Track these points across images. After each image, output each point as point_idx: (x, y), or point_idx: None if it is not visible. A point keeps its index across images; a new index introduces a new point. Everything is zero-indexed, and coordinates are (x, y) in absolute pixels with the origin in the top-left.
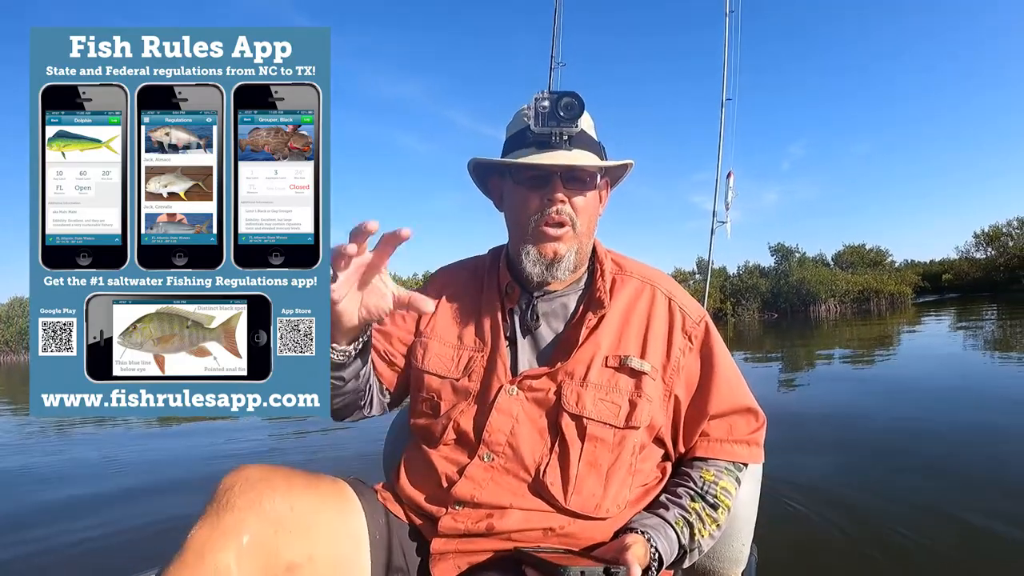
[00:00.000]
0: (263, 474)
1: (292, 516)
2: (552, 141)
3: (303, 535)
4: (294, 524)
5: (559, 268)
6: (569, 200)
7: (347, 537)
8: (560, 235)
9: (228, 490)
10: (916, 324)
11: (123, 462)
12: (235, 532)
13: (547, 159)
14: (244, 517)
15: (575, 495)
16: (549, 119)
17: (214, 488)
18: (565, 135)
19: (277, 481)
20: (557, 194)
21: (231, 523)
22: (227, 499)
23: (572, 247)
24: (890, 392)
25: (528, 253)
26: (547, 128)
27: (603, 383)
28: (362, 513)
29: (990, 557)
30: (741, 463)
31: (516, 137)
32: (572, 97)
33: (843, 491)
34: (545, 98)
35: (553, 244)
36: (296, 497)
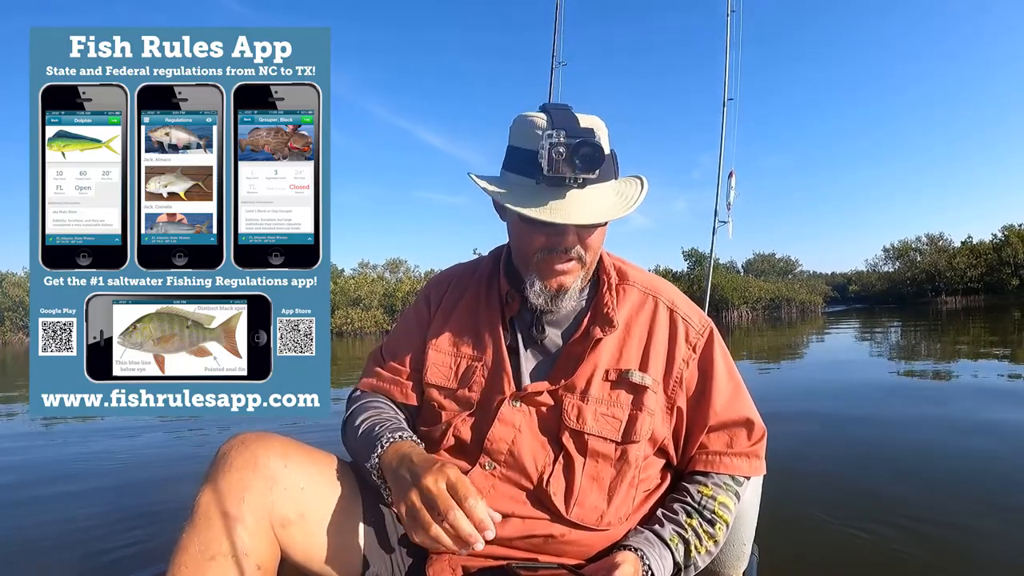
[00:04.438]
0: (259, 436)
1: (285, 473)
2: (566, 182)
3: (296, 493)
4: (288, 481)
5: (563, 298)
6: (580, 240)
7: (340, 507)
8: (568, 270)
9: (226, 453)
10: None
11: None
12: (237, 491)
13: (559, 211)
14: (243, 476)
15: (577, 507)
16: (564, 165)
17: (215, 454)
18: (580, 179)
19: (272, 442)
20: (568, 238)
21: (232, 482)
22: (227, 461)
23: (579, 277)
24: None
25: (533, 284)
26: (561, 175)
27: (604, 397)
28: (358, 490)
29: (990, 557)
30: (742, 476)
31: (522, 161)
32: (591, 147)
33: (843, 491)
34: (560, 144)
35: (560, 278)
36: (291, 458)
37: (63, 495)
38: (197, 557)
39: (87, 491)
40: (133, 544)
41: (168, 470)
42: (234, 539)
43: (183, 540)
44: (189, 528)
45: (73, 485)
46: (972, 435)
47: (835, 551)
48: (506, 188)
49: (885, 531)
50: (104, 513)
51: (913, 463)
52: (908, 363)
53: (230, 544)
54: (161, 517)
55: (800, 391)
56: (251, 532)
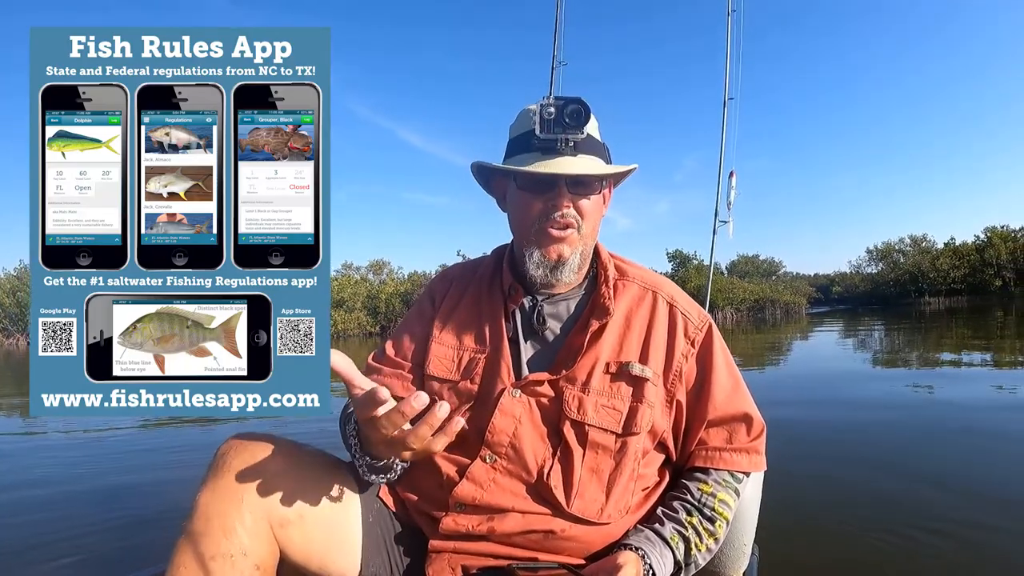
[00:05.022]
0: (257, 438)
1: (283, 475)
2: (558, 147)
3: (294, 494)
4: (285, 483)
5: (563, 271)
6: (574, 204)
7: (339, 507)
8: (564, 237)
9: (224, 454)
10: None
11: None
12: (235, 492)
13: (552, 167)
14: (241, 477)
15: (578, 499)
16: (555, 126)
17: (213, 455)
18: (571, 141)
19: (271, 443)
20: (562, 199)
21: (231, 484)
22: (224, 462)
23: (577, 249)
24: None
25: (532, 255)
26: (552, 135)
27: (604, 389)
28: (356, 490)
29: (990, 557)
30: (741, 472)
31: (520, 140)
32: (578, 104)
33: (843, 492)
34: (551, 104)
35: (558, 246)
36: (289, 460)
37: (62, 496)
38: (196, 557)
39: (86, 491)
40: (132, 544)
41: (167, 470)
42: (233, 539)
43: (182, 541)
44: (188, 529)
45: (72, 485)
46: (975, 437)
47: (834, 552)
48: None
49: (885, 532)
50: (103, 513)
51: (913, 464)
52: (907, 365)
53: (229, 544)
54: (160, 517)
55: (797, 392)
56: (250, 532)
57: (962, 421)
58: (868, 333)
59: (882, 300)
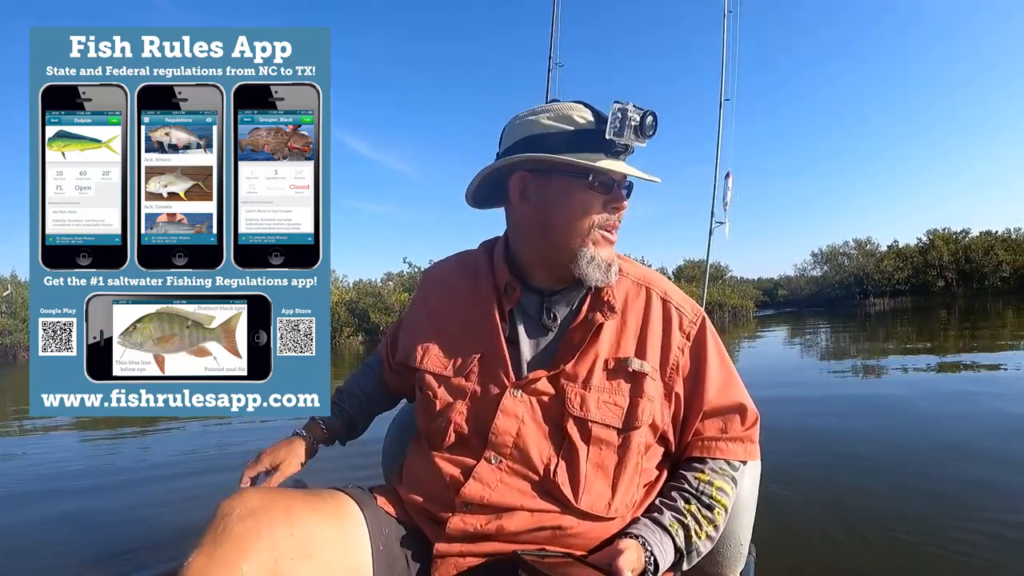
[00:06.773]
0: (261, 501)
1: (292, 542)
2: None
3: (304, 559)
4: (295, 550)
5: (613, 273)
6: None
7: (350, 554)
8: (615, 241)
9: (226, 516)
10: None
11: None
12: (234, 561)
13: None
14: (243, 546)
15: (586, 495)
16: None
17: (212, 514)
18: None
19: (275, 507)
20: (625, 203)
21: (230, 551)
22: (224, 526)
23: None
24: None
25: (592, 258)
26: (627, 141)
27: (604, 385)
28: (364, 526)
29: (990, 557)
30: (737, 461)
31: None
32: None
33: (843, 491)
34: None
35: (612, 248)
36: (295, 521)
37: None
38: None
39: (86, 491)
40: (132, 544)
41: (166, 470)
42: None
43: None
44: None
45: (70, 485)
46: (974, 438)
47: (834, 552)
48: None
49: (885, 534)
50: (102, 513)
51: (913, 465)
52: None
53: None
54: (160, 517)
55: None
56: None
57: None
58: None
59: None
